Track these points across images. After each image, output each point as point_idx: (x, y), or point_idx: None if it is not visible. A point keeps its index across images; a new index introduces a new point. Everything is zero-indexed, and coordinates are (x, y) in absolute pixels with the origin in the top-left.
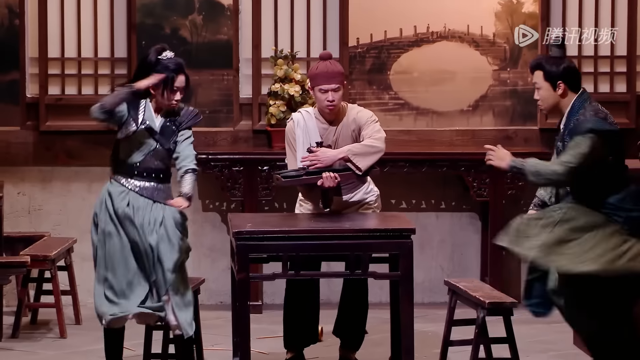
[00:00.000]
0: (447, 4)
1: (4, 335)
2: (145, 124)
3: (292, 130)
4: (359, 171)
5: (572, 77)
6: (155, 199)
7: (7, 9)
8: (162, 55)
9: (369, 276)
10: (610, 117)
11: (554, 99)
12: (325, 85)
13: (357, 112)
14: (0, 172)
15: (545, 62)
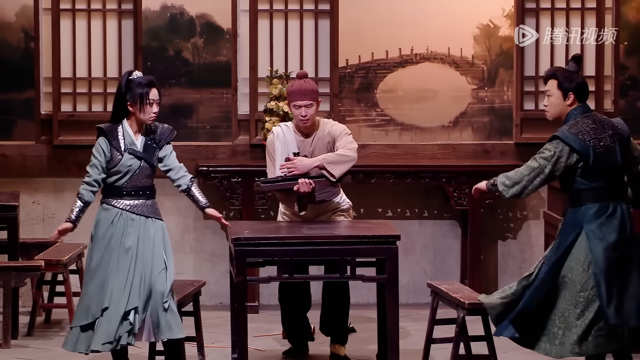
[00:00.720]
0: (430, 28)
1: (20, 334)
2: (128, 149)
3: (272, 143)
4: (333, 178)
5: (582, 91)
6: (146, 214)
7: (23, 33)
8: (132, 76)
9: (358, 279)
10: (586, 136)
11: (562, 108)
12: (299, 102)
13: (331, 126)
14: (17, 183)
15: (561, 73)
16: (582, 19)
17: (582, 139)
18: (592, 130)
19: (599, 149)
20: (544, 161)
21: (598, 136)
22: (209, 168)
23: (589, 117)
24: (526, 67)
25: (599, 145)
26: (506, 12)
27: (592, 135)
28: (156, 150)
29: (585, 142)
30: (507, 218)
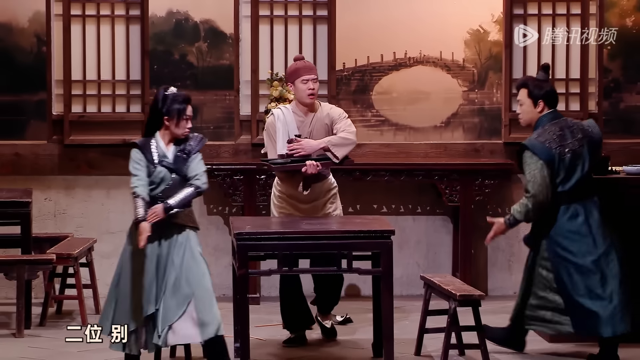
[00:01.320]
0: (423, 33)
1: (33, 324)
2: (161, 162)
3: (273, 124)
4: (336, 159)
5: (551, 98)
6: (181, 222)
7: (35, 38)
8: (168, 92)
9: (354, 272)
10: (553, 144)
11: (532, 115)
12: (306, 76)
13: (330, 108)
14: (29, 181)
15: (531, 82)
16: (567, 24)
17: (549, 147)
18: (559, 137)
19: (564, 156)
20: (542, 182)
21: (564, 142)
22: (213, 166)
23: (558, 123)
24: (514, 70)
25: (564, 152)
26: (495, 17)
27: (558, 142)
28: (186, 161)
29: (552, 150)
30: (497, 214)
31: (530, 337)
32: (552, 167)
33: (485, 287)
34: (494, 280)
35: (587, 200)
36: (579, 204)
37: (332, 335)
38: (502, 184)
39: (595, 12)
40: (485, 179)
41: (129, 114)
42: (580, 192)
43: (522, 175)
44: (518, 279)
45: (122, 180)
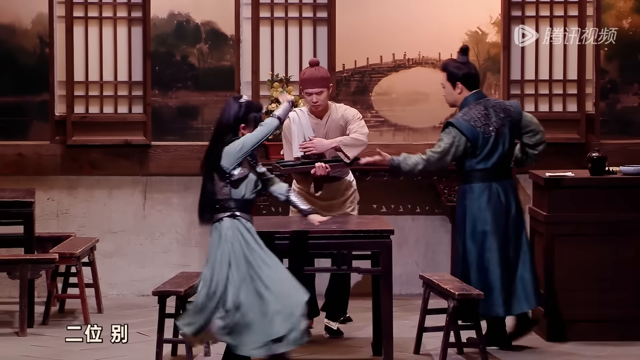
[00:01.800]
0: (421, 35)
1: (36, 322)
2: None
3: (289, 126)
4: (347, 159)
5: (470, 80)
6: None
7: (38, 39)
8: (242, 100)
9: (354, 271)
10: (477, 122)
11: (454, 97)
12: (310, 89)
13: (344, 110)
14: (32, 181)
15: (449, 66)
16: (564, 26)
17: (474, 125)
18: (483, 116)
19: (488, 134)
20: (444, 153)
21: (488, 121)
22: None
23: (482, 103)
24: (512, 71)
25: (488, 131)
26: (493, 19)
27: (483, 121)
28: (256, 166)
29: (476, 129)
30: None
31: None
32: (476, 145)
33: None
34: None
35: (506, 179)
36: (498, 183)
37: (338, 335)
38: None
39: (593, 14)
40: None
41: (130, 114)
42: (499, 171)
43: (520, 175)
44: None
45: (124, 181)
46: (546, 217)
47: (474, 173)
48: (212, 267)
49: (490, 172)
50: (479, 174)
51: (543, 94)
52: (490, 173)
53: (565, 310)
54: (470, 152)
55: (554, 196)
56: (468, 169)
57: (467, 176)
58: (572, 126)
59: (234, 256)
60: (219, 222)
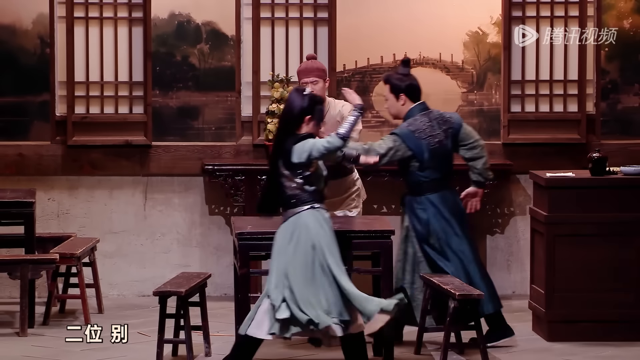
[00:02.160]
0: (422, 35)
1: (36, 323)
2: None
3: None
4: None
5: (412, 92)
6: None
7: (39, 39)
8: (307, 92)
9: (354, 271)
10: (422, 134)
11: (397, 108)
12: (305, 79)
13: (342, 106)
14: (33, 181)
15: (392, 78)
16: (565, 27)
17: (418, 137)
18: (428, 127)
19: (434, 145)
20: (384, 150)
21: (433, 133)
22: (214, 167)
23: (426, 115)
24: (513, 71)
25: (433, 142)
26: (494, 20)
27: (428, 132)
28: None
29: (420, 140)
30: (495, 214)
31: (529, 336)
32: (420, 156)
33: None
34: (493, 280)
35: (449, 189)
36: (441, 193)
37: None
38: (501, 185)
39: (593, 14)
40: None
41: (131, 115)
42: (443, 182)
43: (520, 176)
44: (517, 278)
45: (125, 181)
46: (547, 218)
47: (423, 184)
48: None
49: (439, 182)
50: (429, 185)
51: (544, 94)
52: (440, 183)
53: (566, 310)
54: (414, 163)
55: (554, 196)
56: (416, 180)
57: (417, 187)
58: (573, 126)
59: (325, 243)
60: (296, 216)
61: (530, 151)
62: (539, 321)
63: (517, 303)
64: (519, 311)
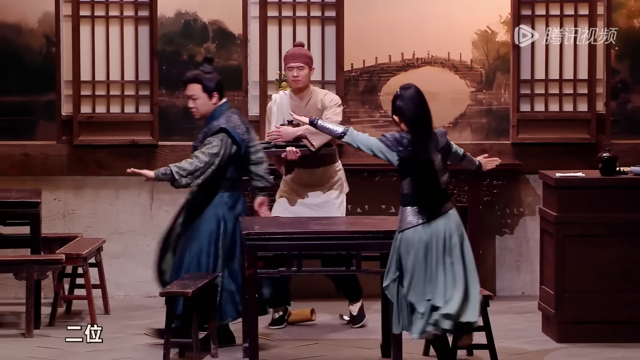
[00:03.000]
0: (430, 34)
1: (42, 324)
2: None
3: (271, 107)
4: (313, 147)
5: (222, 89)
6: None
7: (45, 38)
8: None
9: (362, 272)
10: (240, 130)
11: (209, 107)
12: (291, 63)
13: (324, 95)
14: (39, 181)
15: (202, 77)
16: (575, 25)
17: (239, 132)
18: (242, 122)
19: (247, 142)
20: (214, 157)
21: (247, 126)
22: None
23: (235, 112)
24: (522, 70)
25: (247, 137)
26: (503, 18)
27: (244, 128)
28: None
29: (241, 135)
30: (505, 214)
31: (538, 337)
32: (239, 151)
33: (494, 287)
34: (502, 281)
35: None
36: (238, 192)
37: (358, 322)
38: (510, 185)
39: (603, 13)
40: (493, 179)
41: (137, 114)
42: (240, 182)
43: (530, 176)
44: (526, 279)
45: (131, 181)
46: (556, 218)
47: (225, 182)
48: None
49: (235, 181)
50: (228, 183)
51: (553, 93)
52: (235, 182)
53: (576, 311)
54: (234, 160)
55: (564, 196)
56: (230, 177)
57: (233, 184)
58: (583, 126)
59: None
60: (452, 210)
61: (540, 151)
62: (549, 322)
63: (526, 304)
64: (529, 312)
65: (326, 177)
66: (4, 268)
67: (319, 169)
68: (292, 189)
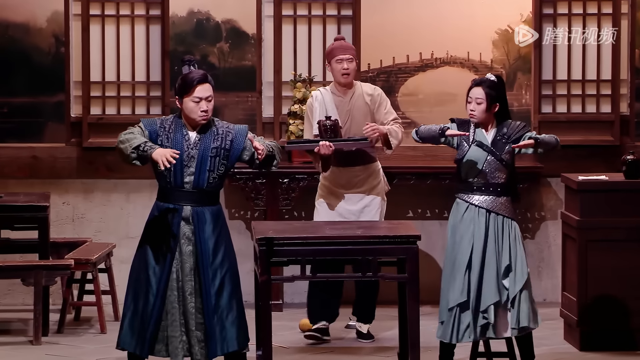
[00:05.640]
0: (449, 33)
1: (50, 331)
2: (475, 141)
3: (312, 104)
4: (390, 150)
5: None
6: (495, 210)
7: (54, 38)
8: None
9: (379, 278)
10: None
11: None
12: (341, 55)
13: (373, 89)
14: (47, 184)
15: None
16: (598, 25)
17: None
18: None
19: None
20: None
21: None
22: (234, 169)
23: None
24: (544, 71)
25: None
26: (524, 17)
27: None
28: (506, 146)
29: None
30: (525, 218)
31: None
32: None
33: None
34: None
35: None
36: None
37: (368, 339)
38: (531, 188)
39: (627, 11)
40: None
41: (149, 116)
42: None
43: (552, 179)
44: (548, 285)
45: (142, 184)
46: (579, 222)
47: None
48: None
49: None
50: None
51: (576, 94)
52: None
53: (599, 319)
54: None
55: (587, 200)
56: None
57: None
58: (606, 128)
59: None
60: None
61: (562, 153)
62: (571, 330)
63: (548, 311)
64: (550, 319)
65: (366, 178)
66: (12, 273)
67: (357, 167)
68: (330, 192)
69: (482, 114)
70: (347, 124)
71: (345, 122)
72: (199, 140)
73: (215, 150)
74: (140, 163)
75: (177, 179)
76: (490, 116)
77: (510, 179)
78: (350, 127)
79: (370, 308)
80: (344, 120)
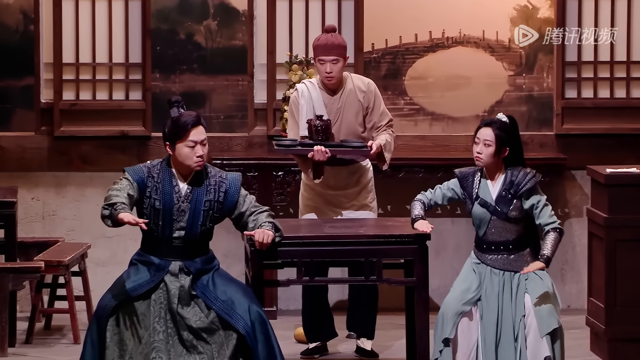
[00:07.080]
0: (463, 10)
1: (18, 341)
2: (479, 199)
3: (296, 100)
4: (385, 166)
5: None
6: (510, 269)
7: (21, 15)
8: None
9: (384, 282)
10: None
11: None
12: (323, 57)
13: (366, 83)
14: (15, 178)
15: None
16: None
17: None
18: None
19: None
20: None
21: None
22: (223, 161)
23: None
24: (568, 51)
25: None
26: None
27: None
28: (513, 201)
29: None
30: None
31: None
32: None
33: None
34: None
35: None
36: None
37: (373, 357)
38: (553, 182)
39: None
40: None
41: (127, 101)
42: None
43: (576, 172)
44: (572, 290)
45: None
46: (606, 220)
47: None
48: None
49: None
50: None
51: (603, 77)
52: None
53: (629, 327)
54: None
55: (615, 195)
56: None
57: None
58: (637, 114)
59: None
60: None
61: (588, 143)
62: (598, 339)
63: (572, 319)
64: (575, 328)
65: (355, 178)
66: None
67: (346, 167)
68: (317, 194)
69: (490, 158)
70: (337, 123)
71: (335, 121)
72: (190, 192)
73: (208, 203)
74: (112, 224)
75: (166, 232)
76: (499, 161)
77: (524, 231)
78: (340, 127)
79: (371, 320)
80: (334, 119)
